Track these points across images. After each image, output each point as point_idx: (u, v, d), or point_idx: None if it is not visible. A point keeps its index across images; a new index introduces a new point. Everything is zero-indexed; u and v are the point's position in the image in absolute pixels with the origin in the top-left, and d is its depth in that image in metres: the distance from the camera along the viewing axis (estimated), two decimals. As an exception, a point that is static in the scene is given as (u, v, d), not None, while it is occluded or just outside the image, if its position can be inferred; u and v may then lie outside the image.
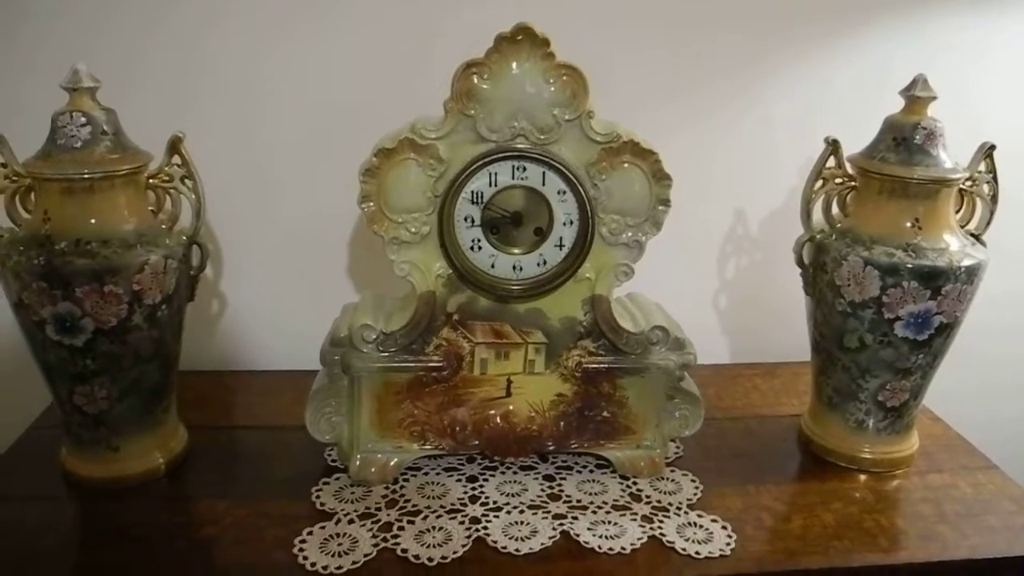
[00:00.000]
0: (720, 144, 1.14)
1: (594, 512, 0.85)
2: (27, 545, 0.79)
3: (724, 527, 0.83)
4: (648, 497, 0.88)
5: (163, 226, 0.86)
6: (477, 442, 0.89)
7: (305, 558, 0.77)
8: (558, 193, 0.82)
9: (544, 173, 0.82)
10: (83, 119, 0.80)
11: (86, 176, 0.79)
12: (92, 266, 0.78)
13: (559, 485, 0.89)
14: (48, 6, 1.01)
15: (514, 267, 0.85)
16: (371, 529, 0.81)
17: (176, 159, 0.86)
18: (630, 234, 0.84)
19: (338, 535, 0.80)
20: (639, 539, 0.81)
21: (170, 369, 0.89)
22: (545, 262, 0.85)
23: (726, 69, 1.12)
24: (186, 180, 0.87)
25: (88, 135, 0.81)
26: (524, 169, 0.82)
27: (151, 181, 0.86)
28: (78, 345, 0.80)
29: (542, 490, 0.88)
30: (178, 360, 0.90)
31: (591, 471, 0.92)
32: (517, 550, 0.79)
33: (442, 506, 0.85)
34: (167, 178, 0.86)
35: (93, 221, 0.80)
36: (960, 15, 1.13)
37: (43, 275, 0.78)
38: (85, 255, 0.78)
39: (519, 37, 0.78)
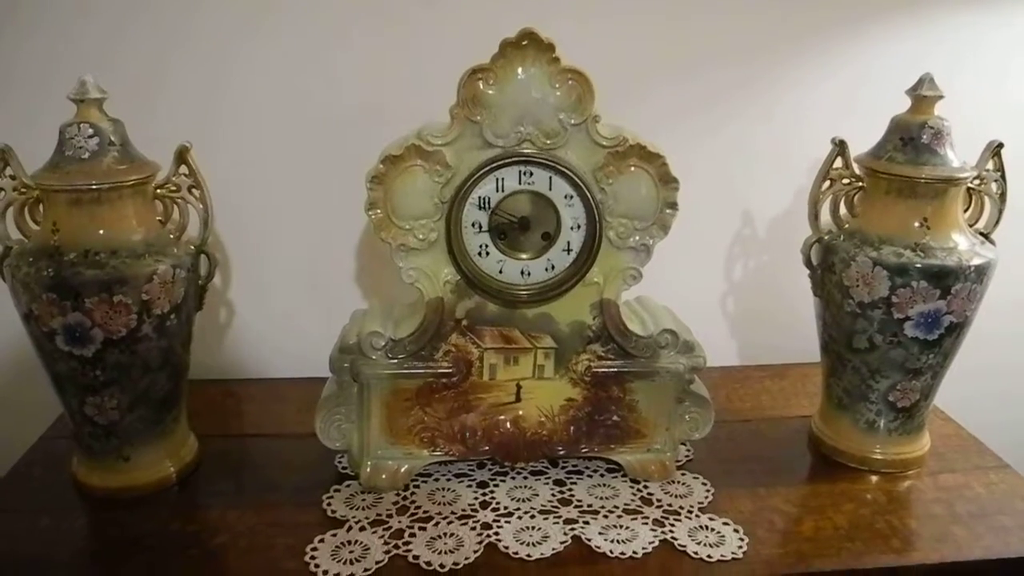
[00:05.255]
0: (726, 145, 1.14)
1: (605, 516, 0.85)
2: (39, 556, 0.79)
3: (736, 530, 0.83)
4: (659, 501, 0.87)
5: (171, 236, 0.86)
6: (487, 448, 0.89)
7: (317, 566, 0.77)
8: (565, 198, 0.82)
9: (551, 178, 0.82)
10: (90, 130, 0.81)
11: (94, 187, 0.79)
12: (101, 276, 0.78)
13: (570, 490, 0.89)
14: (56, 21, 1.02)
15: (522, 272, 0.84)
16: (382, 536, 0.81)
17: (183, 169, 0.86)
18: (637, 238, 0.84)
19: (349, 543, 0.80)
20: (651, 543, 0.80)
21: (180, 378, 0.89)
22: (553, 267, 0.84)
23: (731, 71, 1.11)
24: (193, 190, 0.87)
25: (95, 146, 0.81)
26: (531, 174, 0.81)
27: (159, 191, 0.86)
28: (88, 356, 0.80)
29: (553, 495, 0.88)
30: (188, 369, 0.90)
31: (602, 475, 0.91)
32: (529, 555, 0.78)
33: (453, 512, 0.85)
34: (174, 188, 0.87)
35: (101, 232, 0.80)
36: (970, 11, 1.13)
37: (52, 286, 0.78)
38: (94, 266, 0.79)
39: (524, 42, 0.78)
